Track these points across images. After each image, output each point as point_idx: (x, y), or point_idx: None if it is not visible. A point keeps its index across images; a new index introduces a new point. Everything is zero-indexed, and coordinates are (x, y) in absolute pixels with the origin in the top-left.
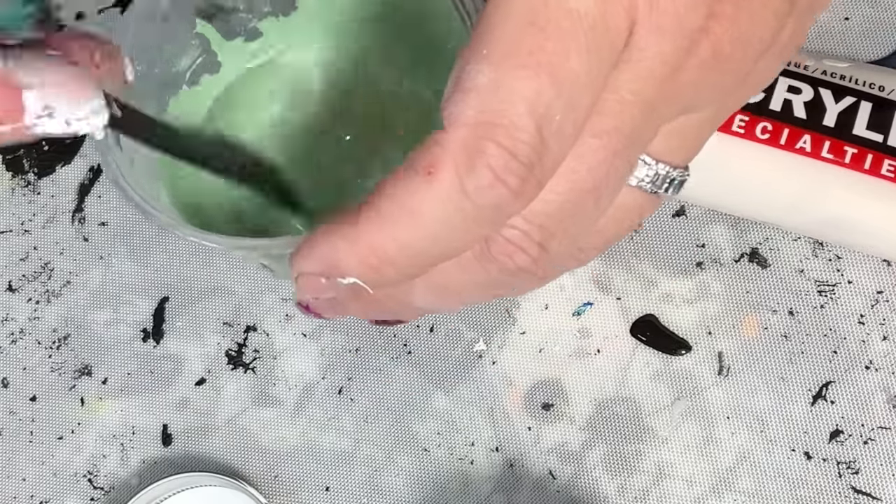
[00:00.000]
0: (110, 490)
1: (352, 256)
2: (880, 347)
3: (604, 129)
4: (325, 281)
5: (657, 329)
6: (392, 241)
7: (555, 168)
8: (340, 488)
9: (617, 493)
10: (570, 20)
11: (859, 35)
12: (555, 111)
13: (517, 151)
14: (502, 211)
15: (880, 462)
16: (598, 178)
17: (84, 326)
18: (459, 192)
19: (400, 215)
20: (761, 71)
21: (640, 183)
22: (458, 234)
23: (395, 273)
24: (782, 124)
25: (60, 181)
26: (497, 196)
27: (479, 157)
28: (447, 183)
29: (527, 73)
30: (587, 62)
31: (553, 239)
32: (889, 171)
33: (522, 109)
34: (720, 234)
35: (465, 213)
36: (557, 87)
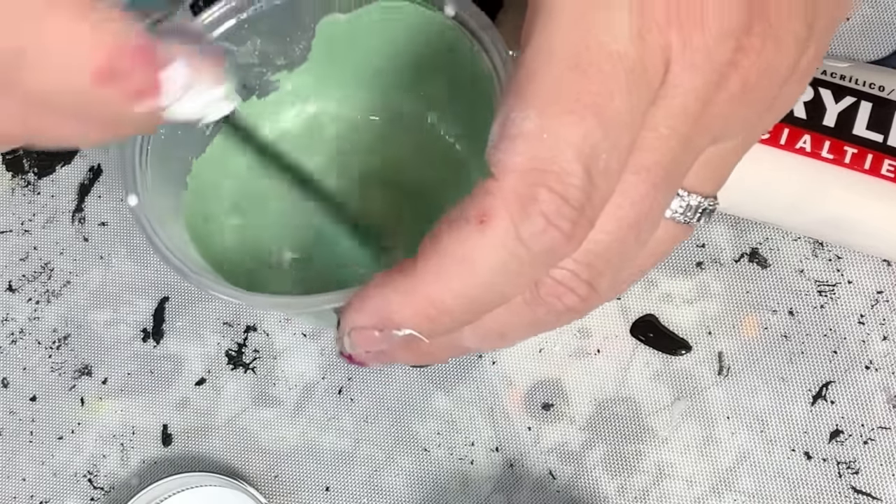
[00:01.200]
0: (110, 490)
1: (407, 309)
2: (880, 347)
3: (644, 164)
4: (378, 334)
5: (657, 329)
6: (448, 291)
7: (603, 206)
8: (340, 488)
9: (617, 493)
10: (612, 63)
11: (859, 35)
12: (601, 151)
13: (568, 196)
14: (555, 255)
15: (880, 462)
16: (641, 212)
17: (84, 326)
18: (514, 239)
19: (455, 265)
20: (785, 97)
21: (673, 215)
22: (512, 280)
23: (450, 322)
24: (782, 124)
25: (60, 181)
26: (551, 241)
27: (532, 203)
28: (501, 231)
29: (573, 118)
30: (628, 102)
31: (601, 277)
32: (889, 171)
33: (571, 154)
34: (720, 234)
35: (520, 260)
36: (603, 128)
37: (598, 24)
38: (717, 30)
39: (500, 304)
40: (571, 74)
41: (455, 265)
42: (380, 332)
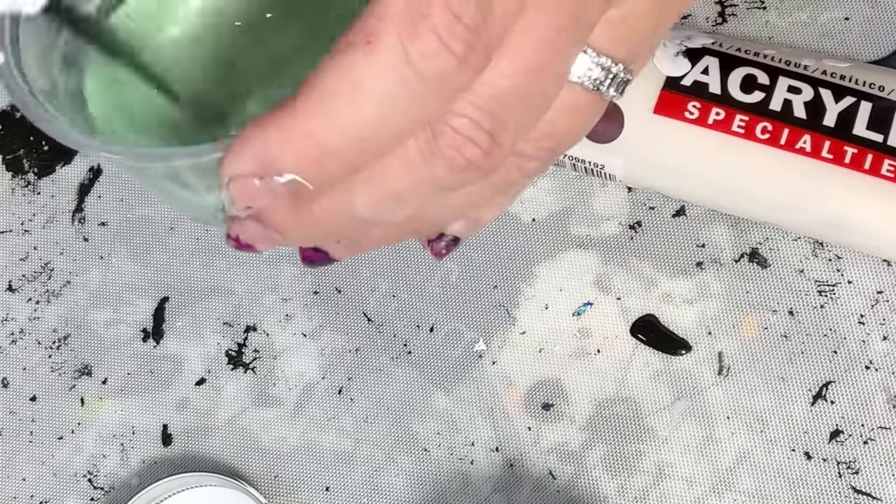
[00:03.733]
0: (110, 490)
1: (289, 147)
2: (880, 347)
3: (548, 3)
4: (258, 182)
5: (657, 329)
6: (334, 125)
7: (500, 36)
8: (340, 488)
9: (617, 493)
10: None
11: (859, 35)
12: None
13: (461, 14)
14: (449, 82)
15: (880, 462)
16: (544, 56)
17: (84, 326)
18: (403, 60)
19: (340, 96)
20: None
21: (580, 79)
22: (403, 110)
23: (337, 165)
24: (782, 124)
25: (60, 181)
26: (444, 63)
27: (423, 21)
28: (390, 51)
29: None
30: None
31: (504, 130)
32: (889, 171)
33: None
34: (720, 234)
35: (411, 85)
36: None
37: None
38: None
39: (391, 144)
40: None
41: (340, 95)
42: (260, 181)
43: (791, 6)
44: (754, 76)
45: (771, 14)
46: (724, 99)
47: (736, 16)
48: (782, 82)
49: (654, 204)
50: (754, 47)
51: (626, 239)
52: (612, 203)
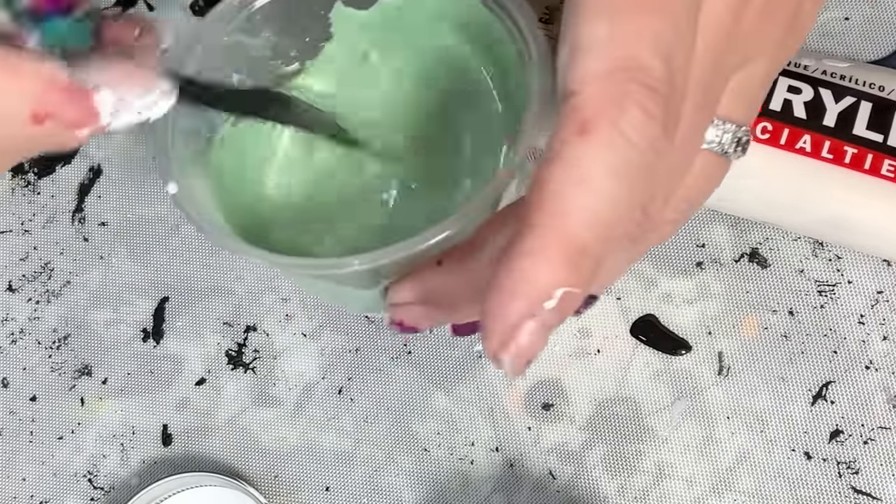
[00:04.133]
0: (110, 490)
1: (548, 265)
2: (880, 347)
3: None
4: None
5: (657, 329)
6: (578, 220)
7: (683, 103)
8: (340, 488)
9: (617, 493)
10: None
11: (859, 35)
12: (673, 47)
13: (656, 86)
14: (658, 149)
15: (880, 462)
16: (686, 131)
17: (84, 326)
18: (620, 137)
19: (575, 192)
20: (804, 16)
21: (710, 145)
22: (631, 185)
23: (592, 259)
24: (782, 124)
25: (60, 181)
26: (652, 132)
27: (625, 98)
28: (605, 133)
29: (642, 18)
30: (684, 1)
31: (652, 202)
32: (889, 171)
33: (648, 50)
34: (720, 234)
35: (631, 160)
36: (672, 25)
37: None
38: None
39: (628, 222)
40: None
41: (573, 190)
42: (534, 320)
43: None
44: None
45: None
46: None
47: None
48: (782, 82)
49: None
50: None
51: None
52: None
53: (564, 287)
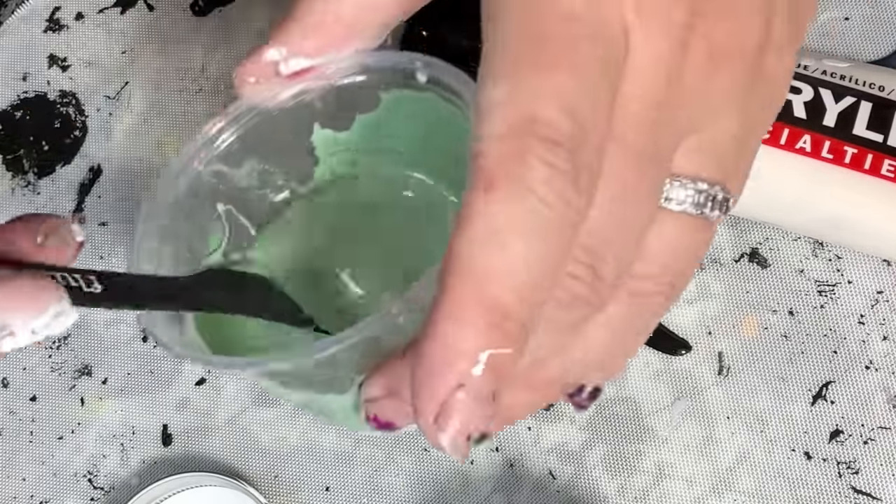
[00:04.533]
0: (110, 490)
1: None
2: (880, 347)
3: (621, 133)
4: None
5: (657, 329)
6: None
7: (599, 157)
8: (340, 488)
9: (617, 493)
10: (570, 24)
11: (859, 35)
12: (579, 99)
13: (558, 139)
14: (570, 204)
15: (880, 462)
16: (627, 185)
17: (84, 326)
18: (525, 191)
19: (486, 248)
20: (770, 71)
21: (681, 206)
22: (542, 241)
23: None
24: (782, 124)
25: (60, 181)
26: (559, 185)
27: (528, 153)
28: (510, 188)
29: (543, 74)
30: (594, 54)
31: (604, 263)
32: (889, 171)
33: (550, 104)
34: (720, 234)
35: (539, 214)
36: (575, 77)
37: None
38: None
39: (547, 280)
40: (534, 41)
41: (483, 248)
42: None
43: None
44: None
45: None
46: None
47: None
48: None
49: None
50: None
51: None
52: None
53: (489, 349)
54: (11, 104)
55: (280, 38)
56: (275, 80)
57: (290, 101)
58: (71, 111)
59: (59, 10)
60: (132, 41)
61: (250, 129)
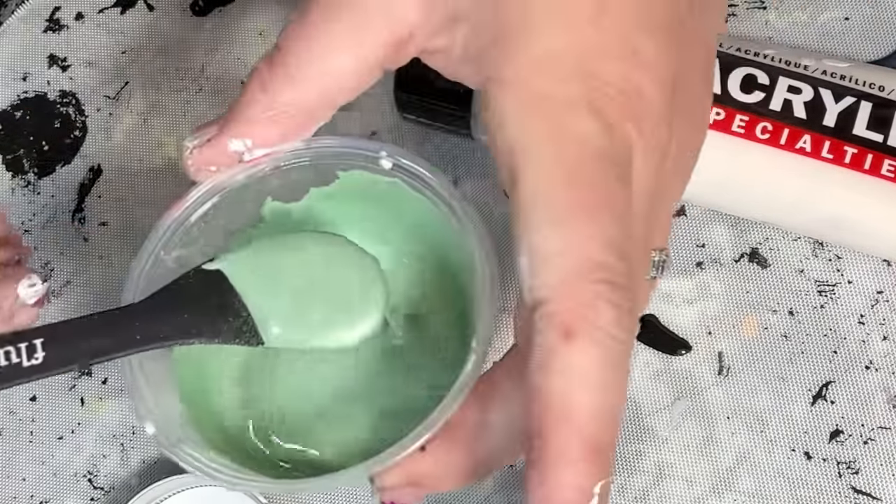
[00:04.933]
0: (110, 490)
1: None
2: (880, 347)
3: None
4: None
5: (657, 329)
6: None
7: (640, 285)
8: (340, 488)
9: (617, 493)
10: (596, 161)
11: (859, 35)
12: (623, 238)
13: (617, 280)
14: (633, 334)
15: (880, 462)
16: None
17: None
18: (602, 334)
19: (574, 392)
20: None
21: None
22: (619, 372)
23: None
24: (782, 124)
25: (60, 181)
26: (627, 322)
27: (597, 299)
28: (588, 334)
29: (587, 220)
30: (624, 190)
31: None
32: (889, 171)
33: (599, 249)
34: (720, 234)
35: (615, 350)
36: (616, 219)
37: (574, 138)
38: (658, 114)
39: (623, 404)
40: (573, 186)
41: (574, 392)
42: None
43: (791, 6)
44: (754, 76)
45: (771, 14)
46: (724, 99)
47: (736, 16)
48: (782, 82)
49: None
50: (754, 47)
51: None
52: None
53: (600, 482)
54: (11, 104)
55: (242, 128)
56: (236, 165)
57: (245, 179)
58: (71, 111)
59: (59, 10)
60: (132, 41)
61: (207, 211)
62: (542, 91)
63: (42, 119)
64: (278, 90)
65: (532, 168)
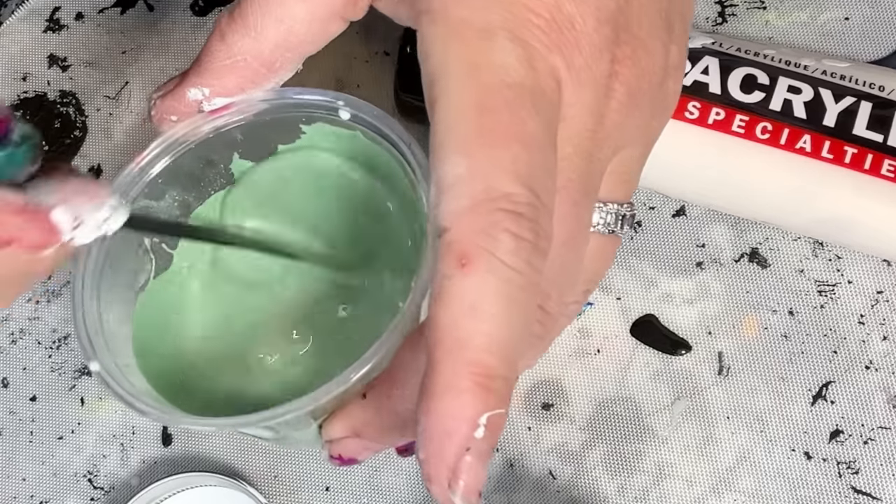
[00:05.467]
0: (110, 490)
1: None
2: (880, 347)
3: (560, 184)
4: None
5: (657, 329)
6: (478, 347)
7: (551, 220)
8: (340, 488)
9: (617, 493)
10: (514, 92)
11: (859, 35)
12: (533, 169)
13: (521, 211)
14: (535, 267)
15: (880, 462)
16: (570, 229)
17: None
18: (498, 264)
19: (466, 321)
20: (668, 95)
21: (596, 228)
22: (518, 305)
23: (503, 379)
24: (782, 124)
25: None
26: (527, 253)
27: (495, 228)
28: (484, 263)
29: (498, 149)
30: (540, 122)
31: (549, 299)
32: (889, 171)
33: (508, 178)
34: (720, 234)
35: (513, 282)
36: (527, 149)
37: (490, 66)
38: (592, 48)
39: (524, 337)
40: (483, 115)
41: (466, 321)
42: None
43: (791, 6)
44: (754, 76)
45: (771, 14)
46: (724, 99)
47: (736, 16)
48: (782, 82)
49: (654, 204)
50: (754, 47)
51: (626, 239)
52: None
53: (487, 413)
54: (11, 104)
55: (201, 78)
56: (197, 116)
57: (211, 133)
58: (71, 111)
59: (59, 10)
60: (132, 41)
61: (172, 163)
62: (461, 18)
63: (42, 119)
64: (236, 39)
65: (445, 96)
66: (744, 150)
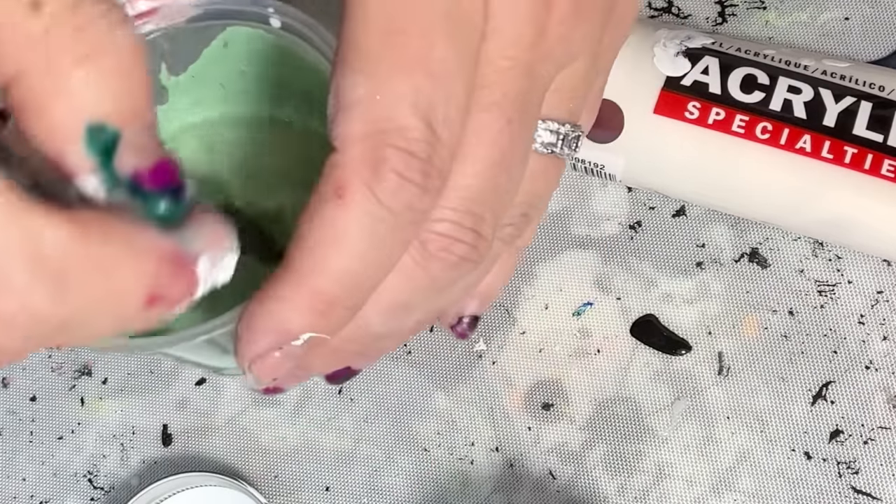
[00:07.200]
0: (110, 490)
1: (295, 312)
2: (880, 347)
3: (492, 100)
4: (279, 354)
5: (657, 329)
6: (329, 277)
7: (452, 155)
8: (340, 488)
9: (617, 493)
10: (426, 13)
11: (859, 35)
12: (436, 102)
13: (413, 149)
14: (416, 209)
15: (880, 462)
16: (503, 149)
17: None
18: (374, 203)
19: (326, 249)
20: (622, 11)
21: (535, 147)
22: (385, 244)
23: (343, 309)
24: (782, 124)
25: None
26: (409, 196)
27: (381, 164)
28: (360, 198)
29: (401, 75)
30: (452, 47)
31: (483, 222)
32: (889, 171)
33: (406, 110)
34: (720, 234)
35: (386, 222)
36: (432, 79)
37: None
38: None
39: (383, 274)
40: (391, 35)
41: (326, 248)
42: (280, 352)
43: (791, 6)
44: (754, 76)
45: (771, 14)
46: (724, 99)
47: (736, 16)
48: (782, 82)
49: (654, 204)
50: (754, 47)
51: (626, 239)
52: (612, 203)
53: (310, 332)
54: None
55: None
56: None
57: None
58: None
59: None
60: None
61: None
62: None
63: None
64: None
65: (354, 13)
66: (744, 150)
